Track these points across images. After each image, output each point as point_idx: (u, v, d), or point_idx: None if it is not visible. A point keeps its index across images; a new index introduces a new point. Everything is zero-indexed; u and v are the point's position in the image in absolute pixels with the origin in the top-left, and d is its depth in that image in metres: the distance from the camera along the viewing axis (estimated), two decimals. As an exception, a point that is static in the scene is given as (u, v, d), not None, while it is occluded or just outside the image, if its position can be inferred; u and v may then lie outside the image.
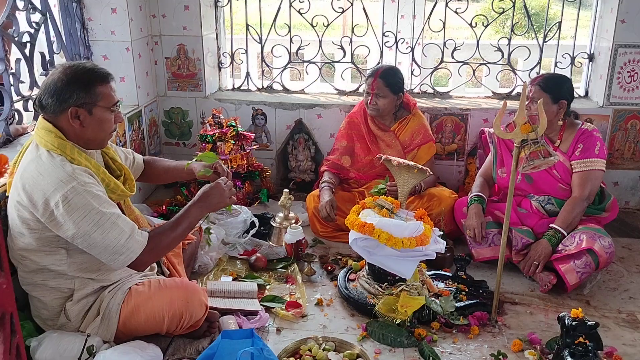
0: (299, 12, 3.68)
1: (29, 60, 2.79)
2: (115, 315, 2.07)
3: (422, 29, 3.81)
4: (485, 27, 3.64)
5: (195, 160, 2.47)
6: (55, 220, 1.91)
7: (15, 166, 2.07)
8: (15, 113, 2.72)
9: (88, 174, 1.98)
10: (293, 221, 3.02)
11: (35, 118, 2.89)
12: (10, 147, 2.65)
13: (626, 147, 3.56)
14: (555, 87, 2.75)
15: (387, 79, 3.15)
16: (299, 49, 3.83)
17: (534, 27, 3.63)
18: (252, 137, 3.54)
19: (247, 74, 3.95)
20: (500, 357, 2.20)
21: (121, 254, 1.97)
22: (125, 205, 2.25)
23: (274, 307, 2.50)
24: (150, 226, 2.52)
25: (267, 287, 2.69)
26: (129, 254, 1.98)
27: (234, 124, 3.47)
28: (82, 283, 2.09)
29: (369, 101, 3.20)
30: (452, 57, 3.70)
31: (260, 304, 2.51)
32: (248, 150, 3.48)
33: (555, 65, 3.66)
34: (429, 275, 2.66)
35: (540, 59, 3.64)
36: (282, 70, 3.92)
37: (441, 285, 2.64)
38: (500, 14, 3.64)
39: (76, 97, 1.95)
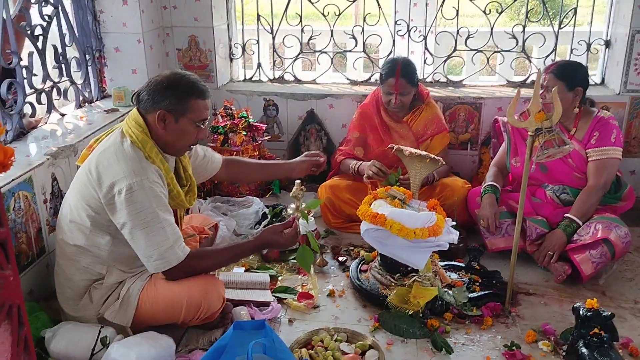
0: (310, 1, 3.66)
1: (42, 53, 2.81)
2: (134, 301, 2.12)
3: (435, 16, 3.77)
4: (500, 14, 3.58)
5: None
6: (113, 205, 2.00)
7: (97, 142, 2.19)
8: (29, 106, 2.74)
9: (158, 174, 2.07)
10: (305, 212, 3.00)
11: (48, 111, 2.92)
12: (23, 140, 2.67)
13: (644, 135, 3.50)
14: (570, 75, 2.70)
15: (408, 76, 3.08)
16: (310, 39, 3.81)
17: (549, 13, 3.57)
18: (264, 128, 3.53)
19: (259, 65, 3.94)
20: (514, 348, 2.18)
21: (156, 260, 2.03)
22: (180, 215, 2.32)
23: (286, 298, 2.51)
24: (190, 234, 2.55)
25: (279, 278, 2.70)
26: (163, 262, 2.04)
27: (245, 115, 3.46)
28: (114, 271, 2.15)
29: (392, 101, 3.11)
30: (466, 45, 3.65)
31: (273, 295, 2.51)
32: (260, 142, 3.47)
33: (571, 52, 3.60)
34: (442, 266, 2.65)
35: (556, 46, 3.58)
36: (294, 61, 3.90)
37: (454, 276, 2.62)
38: (515, 0, 3.58)
39: (169, 102, 2.06)
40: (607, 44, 3.58)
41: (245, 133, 3.39)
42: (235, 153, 3.32)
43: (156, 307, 2.12)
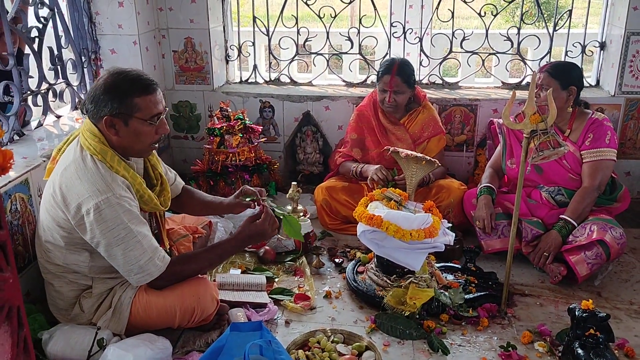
0: (306, 3, 3.66)
1: (38, 55, 2.80)
2: (127, 309, 2.10)
3: (431, 18, 3.78)
4: (495, 16, 3.60)
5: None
6: (83, 226, 1.94)
7: (59, 153, 2.10)
8: (25, 108, 2.73)
9: (125, 186, 1.99)
10: (301, 214, 3.01)
11: (44, 113, 2.91)
12: (19, 142, 2.66)
13: (638, 136, 3.52)
14: (564, 73, 2.72)
15: (404, 75, 3.09)
16: (306, 40, 3.81)
17: (544, 15, 3.58)
18: (260, 130, 3.53)
19: (255, 67, 3.94)
20: (510, 348, 2.19)
21: (137, 274, 2.00)
22: (160, 216, 2.27)
23: (282, 300, 2.51)
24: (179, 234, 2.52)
25: (276, 279, 2.70)
26: (144, 275, 2.01)
27: (241, 117, 3.46)
28: (100, 281, 2.13)
29: (386, 99, 3.13)
30: (461, 47, 3.66)
31: (269, 297, 2.51)
32: (256, 143, 3.47)
33: (566, 54, 3.61)
34: (438, 267, 2.65)
35: (551, 48, 3.60)
36: (290, 63, 3.91)
37: (450, 277, 2.63)
38: (510, 2, 3.59)
39: (111, 106, 1.95)
40: (602, 45, 3.60)
41: (241, 135, 3.39)
42: (231, 155, 3.33)
43: (150, 314, 2.10)
